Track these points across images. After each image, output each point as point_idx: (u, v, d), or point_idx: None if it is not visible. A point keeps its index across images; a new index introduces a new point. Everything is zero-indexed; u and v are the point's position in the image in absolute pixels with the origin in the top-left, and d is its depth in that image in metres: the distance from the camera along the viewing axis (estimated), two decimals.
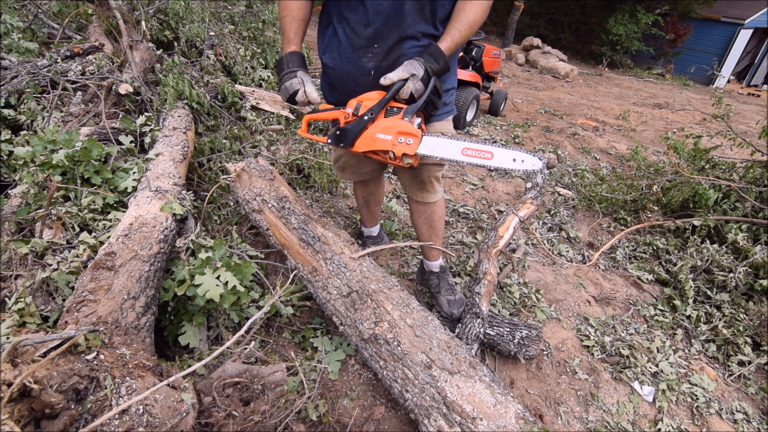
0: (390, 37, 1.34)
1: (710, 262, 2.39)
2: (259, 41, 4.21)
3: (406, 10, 1.30)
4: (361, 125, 1.37)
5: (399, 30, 1.33)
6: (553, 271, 2.48)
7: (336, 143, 1.42)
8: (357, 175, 1.91)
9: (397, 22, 1.32)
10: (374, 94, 1.38)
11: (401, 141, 1.35)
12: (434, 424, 1.22)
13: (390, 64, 1.38)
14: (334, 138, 1.42)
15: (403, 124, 1.35)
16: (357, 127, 1.38)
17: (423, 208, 1.78)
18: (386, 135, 1.35)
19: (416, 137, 1.35)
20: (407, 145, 1.35)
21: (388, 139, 1.35)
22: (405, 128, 1.35)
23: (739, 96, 11.75)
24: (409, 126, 1.35)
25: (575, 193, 3.42)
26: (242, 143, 3.04)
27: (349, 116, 1.39)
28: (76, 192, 1.87)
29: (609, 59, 13.16)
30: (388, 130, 1.35)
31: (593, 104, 7.15)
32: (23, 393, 0.88)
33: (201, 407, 1.18)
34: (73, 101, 2.62)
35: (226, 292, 1.50)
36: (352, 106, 1.39)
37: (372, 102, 1.37)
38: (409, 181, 1.73)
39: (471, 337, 1.71)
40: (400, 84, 1.31)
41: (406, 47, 1.37)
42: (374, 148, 1.38)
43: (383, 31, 1.33)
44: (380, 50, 1.37)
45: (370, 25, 1.32)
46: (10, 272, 1.51)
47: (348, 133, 1.39)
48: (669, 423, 1.68)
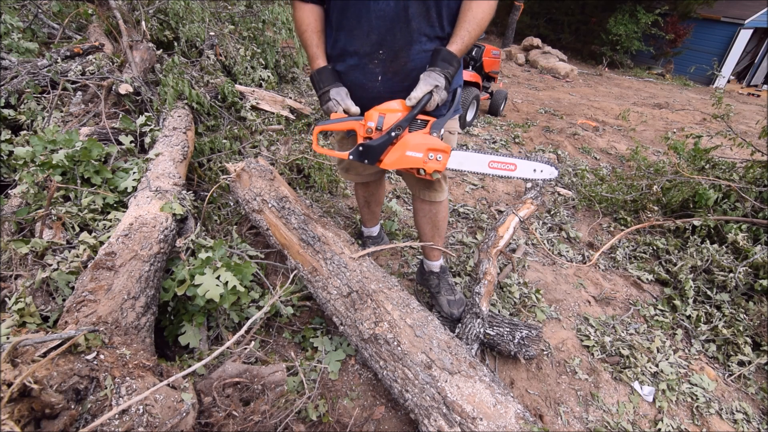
0: (395, 43, 1.31)
1: (710, 262, 2.39)
2: (259, 41, 4.21)
3: (411, 14, 1.27)
4: (388, 142, 1.32)
5: (405, 35, 1.30)
6: (553, 271, 2.47)
7: (360, 159, 1.36)
8: (361, 177, 1.91)
9: (402, 27, 1.29)
10: (395, 104, 1.32)
11: (431, 158, 1.33)
12: (434, 424, 1.22)
13: (397, 69, 1.36)
14: (358, 154, 1.36)
15: (432, 140, 1.33)
16: (384, 144, 1.32)
17: (428, 207, 1.78)
18: (417, 153, 1.32)
19: (446, 153, 1.33)
20: (437, 161, 1.33)
21: (419, 156, 1.33)
22: (435, 145, 1.32)
23: (739, 96, 11.74)
24: (438, 142, 1.33)
25: (575, 193, 3.42)
26: (242, 143, 3.04)
27: (372, 130, 1.32)
28: (76, 192, 1.87)
29: (609, 59, 13.16)
30: (419, 147, 1.32)
31: (593, 104, 7.14)
32: (23, 393, 0.88)
33: (201, 407, 1.18)
34: (73, 101, 2.62)
35: (226, 292, 1.50)
36: (374, 118, 1.32)
37: (395, 114, 1.31)
38: (416, 181, 1.71)
39: (471, 337, 1.71)
40: (427, 98, 1.27)
41: (413, 52, 1.34)
42: (405, 166, 1.35)
43: (387, 36, 1.30)
44: (386, 56, 1.34)
45: (373, 30, 1.29)
46: (10, 272, 1.51)
47: (374, 149, 1.33)
48: (669, 423, 1.68)
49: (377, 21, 1.28)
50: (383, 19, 1.27)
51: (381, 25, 1.28)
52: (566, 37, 14.19)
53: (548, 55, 10.83)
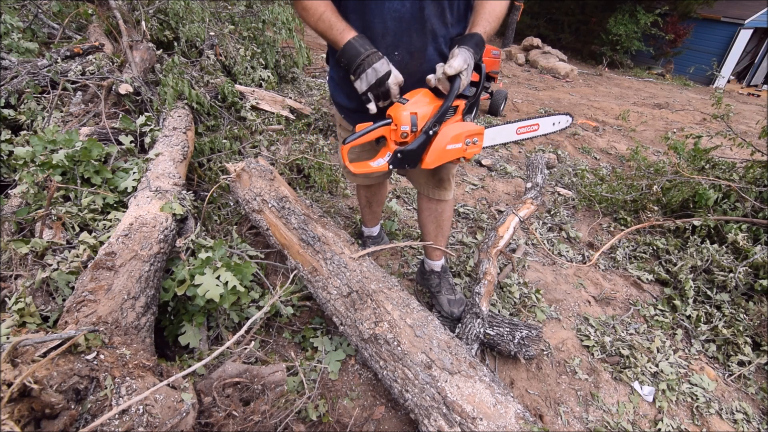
0: (411, 45, 1.27)
1: (710, 262, 2.39)
2: (259, 41, 4.21)
3: (427, 15, 1.23)
4: (427, 142, 1.24)
5: (420, 36, 1.27)
6: (553, 271, 2.47)
7: (400, 166, 1.28)
8: (369, 180, 1.88)
9: (418, 28, 1.25)
10: (422, 97, 1.24)
11: (469, 144, 1.29)
12: (434, 424, 1.22)
13: (412, 71, 1.31)
14: (397, 162, 1.27)
15: (468, 126, 1.28)
16: (423, 145, 1.24)
17: (435, 206, 1.77)
18: (456, 144, 1.27)
19: (481, 134, 1.30)
20: (475, 145, 1.30)
21: (458, 147, 1.28)
22: (472, 130, 1.28)
23: (739, 96, 11.74)
24: (473, 126, 1.28)
25: (575, 193, 3.42)
26: (242, 143, 3.04)
27: (408, 133, 1.22)
28: (76, 192, 1.87)
29: (609, 59, 13.16)
30: (457, 138, 1.26)
31: (593, 104, 7.14)
32: (23, 393, 0.88)
33: (201, 407, 1.18)
34: (73, 101, 2.62)
35: (226, 292, 1.50)
36: (407, 120, 1.20)
37: (426, 108, 1.23)
38: (425, 180, 1.70)
39: (471, 337, 1.71)
40: (459, 80, 1.17)
41: (429, 54, 1.30)
42: (447, 160, 1.30)
43: (403, 38, 1.26)
44: (401, 57, 1.29)
45: (389, 32, 1.25)
46: (10, 272, 1.51)
47: (413, 153, 1.25)
48: (669, 423, 1.68)
49: (392, 23, 1.24)
50: (399, 21, 1.24)
51: (396, 27, 1.24)
52: (566, 37, 14.19)
53: (548, 55, 10.83)
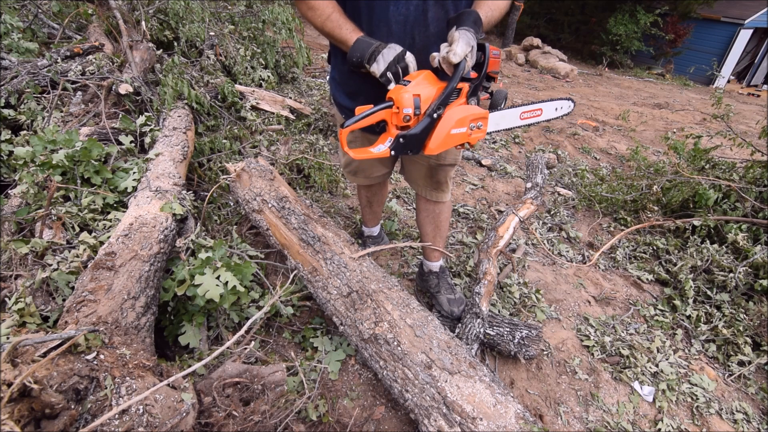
0: (414, 47, 1.26)
1: (710, 262, 2.39)
2: (259, 41, 4.21)
3: (430, 18, 1.24)
4: (431, 125, 1.20)
5: (423, 39, 1.27)
6: (553, 271, 2.47)
7: (403, 152, 1.24)
8: (369, 180, 1.85)
9: (421, 31, 1.26)
10: (423, 80, 1.19)
11: (473, 128, 1.25)
12: (434, 424, 1.22)
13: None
14: (399, 147, 1.23)
15: (473, 109, 1.24)
16: (427, 129, 1.20)
17: (432, 207, 1.77)
18: (461, 128, 1.23)
19: (486, 118, 1.26)
20: (479, 129, 1.26)
21: (463, 131, 1.24)
22: (475, 113, 1.24)
23: (739, 96, 11.74)
24: (477, 109, 1.24)
25: (575, 193, 3.42)
26: (242, 143, 3.04)
27: (410, 117, 1.18)
28: (76, 192, 1.87)
29: (609, 59, 13.15)
30: (462, 122, 1.22)
31: (593, 104, 7.14)
32: (23, 393, 0.88)
33: (201, 407, 1.18)
34: (73, 101, 2.62)
35: (226, 292, 1.50)
36: (409, 103, 1.16)
37: (428, 89, 1.18)
38: (424, 181, 1.70)
39: (471, 337, 1.71)
40: (464, 61, 1.13)
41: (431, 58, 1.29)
42: (451, 145, 1.26)
43: (406, 40, 1.25)
44: None
45: (393, 35, 1.25)
46: (10, 272, 1.51)
47: (417, 138, 1.21)
48: (669, 423, 1.68)
49: (397, 26, 1.24)
50: (403, 24, 1.24)
51: (400, 30, 1.25)
52: (566, 37, 14.19)
53: (548, 55, 10.83)
